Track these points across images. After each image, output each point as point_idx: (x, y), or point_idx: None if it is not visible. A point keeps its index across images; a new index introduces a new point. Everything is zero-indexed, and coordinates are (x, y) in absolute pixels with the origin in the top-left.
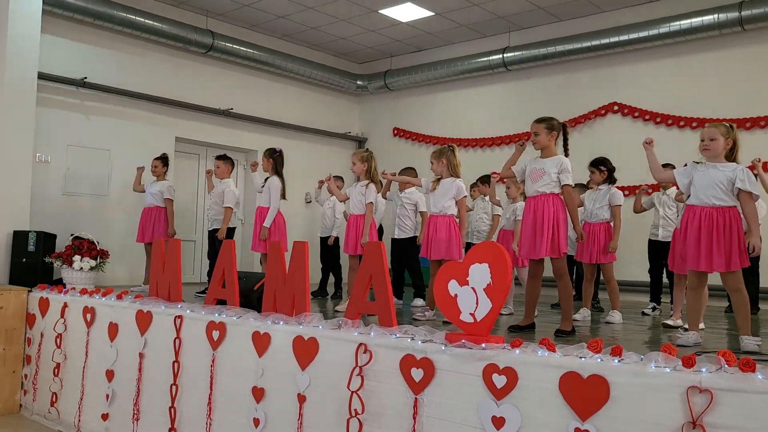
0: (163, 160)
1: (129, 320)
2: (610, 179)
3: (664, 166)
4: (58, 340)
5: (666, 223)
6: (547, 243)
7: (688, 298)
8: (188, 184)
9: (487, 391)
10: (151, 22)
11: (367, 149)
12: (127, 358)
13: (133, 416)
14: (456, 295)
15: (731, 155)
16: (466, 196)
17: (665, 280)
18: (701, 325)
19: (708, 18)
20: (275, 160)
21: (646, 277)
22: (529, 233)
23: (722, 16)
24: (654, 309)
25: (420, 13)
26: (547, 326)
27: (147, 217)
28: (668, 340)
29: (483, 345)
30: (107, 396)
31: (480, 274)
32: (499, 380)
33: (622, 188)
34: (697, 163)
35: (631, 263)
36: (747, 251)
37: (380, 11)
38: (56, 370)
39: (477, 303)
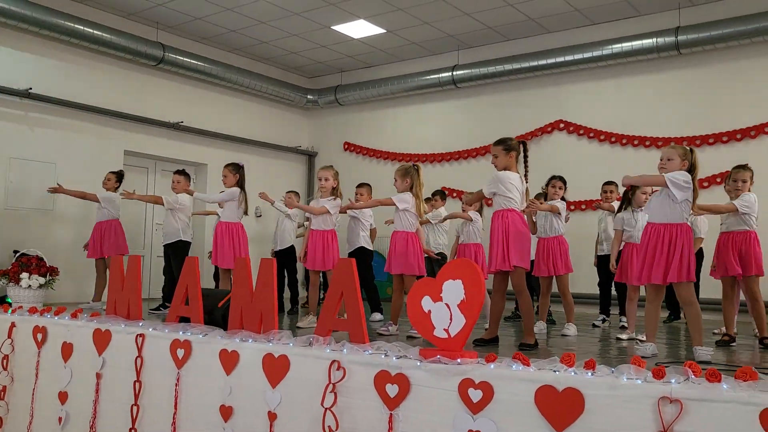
0: (119, 175)
1: (85, 340)
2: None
3: (607, 183)
4: (5, 361)
5: (608, 237)
6: (497, 257)
7: (646, 311)
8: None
9: (463, 405)
10: (99, 33)
11: (332, 166)
12: (82, 379)
13: None
14: (430, 311)
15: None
16: (396, 205)
17: (613, 292)
18: (639, 335)
19: (647, 41)
20: (240, 174)
21: (593, 290)
22: (493, 247)
23: (660, 40)
24: (604, 321)
25: (372, 30)
26: (506, 339)
27: (97, 232)
28: (620, 352)
29: (458, 360)
30: (60, 419)
31: (454, 290)
32: (475, 394)
33: (568, 203)
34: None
35: (580, 277)
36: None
37: (333, 27)
38: (2, 393)
39: (451, 319)
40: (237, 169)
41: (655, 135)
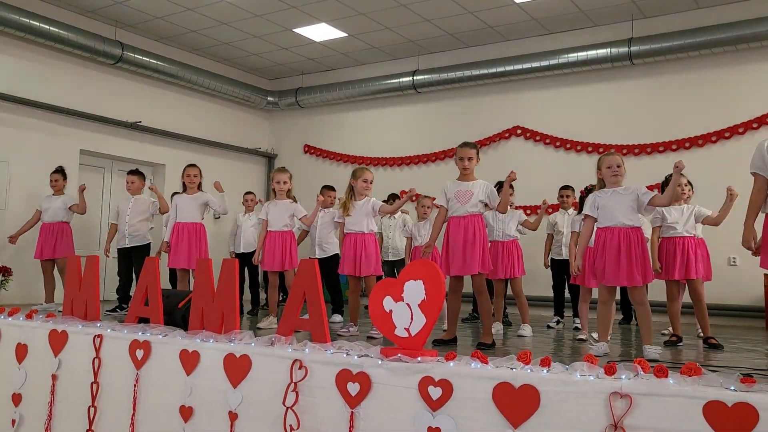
0: (63, 173)
1: (40, 341)
2: None
3: (564, 188)
4: None
5: (569, 242)
6: (478, 260)
7: (599, 312)
8: (93, 199)
9: (423, 402)
10: (56, 29)
11: (286, 169)
12: (37, 381)
13: None
14: (391, 311)
15: None
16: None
17: (567, 294)
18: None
19: (602, 51)
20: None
21: (547, 293)
22: (459, 251)
23: (614, 51)
24: (558, 322)
25: (333, 33)
26: (464, 339)
27: (47, 233)
28: (574, 351)
29: (419, 359)
30: (13, 421)
31: (415, 290)
32: (435, 392)
33: (523, 208)
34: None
35: (534, 280)
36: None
37: (294, 30)
38: None
39: (411, 318)
40: (200, 171)
41: (608, 142)
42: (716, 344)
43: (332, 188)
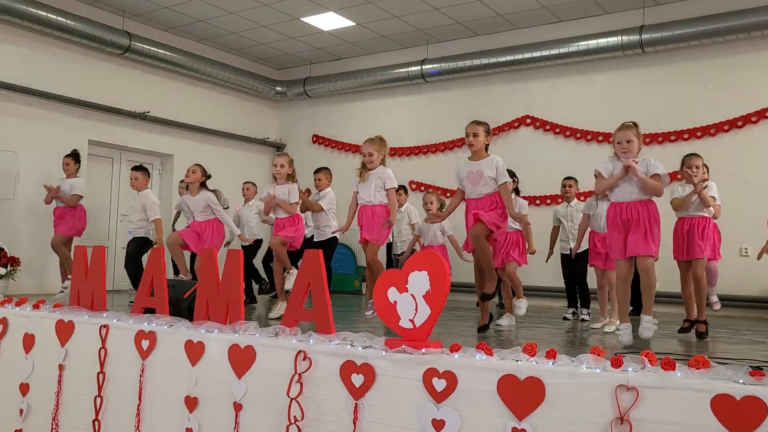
0: (75, 156)
1: (47, 331)
2: (516, 189)
3: (567, 178)
4: None
5: (574, 237)
6: (489, 220)
7: (618, 291)
8: (101, 189)
9: (427, 394)
10: (63, 19)
11: (286, 153)
12: (44, 371)
13: (52, 430)
14: (395, 302)
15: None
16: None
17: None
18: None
19: (613, 39)
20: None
21: (555, 283)
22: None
23: (625, 39)
24: (573, 314)
25: (342, 22)
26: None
27: (59, 215)
28: (581, 341)
29: (423, 350)
30: (21, 411)
31: (419, 281)
32: (439, 384)
33: (532, 198)
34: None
35: (543, 270)
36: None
37: (302, 19)
38: None
39: (416, 309)
40: (205, 172)
41: None
42: (703, 332)
43: (320, 170)
